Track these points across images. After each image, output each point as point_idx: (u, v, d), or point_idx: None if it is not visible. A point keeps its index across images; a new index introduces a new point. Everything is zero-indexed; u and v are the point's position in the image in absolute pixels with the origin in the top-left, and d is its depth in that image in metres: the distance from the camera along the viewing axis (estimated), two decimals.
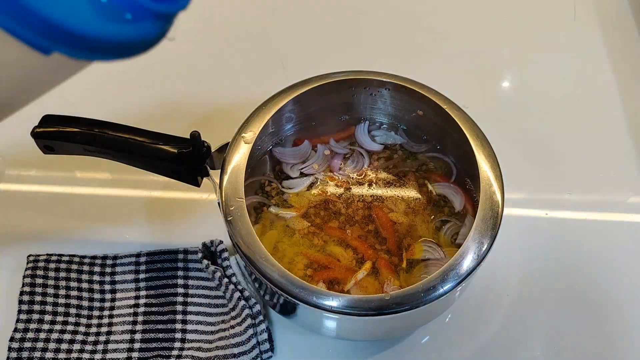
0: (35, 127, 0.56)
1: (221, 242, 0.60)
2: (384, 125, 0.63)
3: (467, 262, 0.48)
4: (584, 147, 0.70)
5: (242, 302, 0.56)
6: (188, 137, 0.53)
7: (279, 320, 0.58)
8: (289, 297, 0.47)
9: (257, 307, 0.56)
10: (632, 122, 0.72)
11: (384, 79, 0.58)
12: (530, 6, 0.85)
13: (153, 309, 0.58)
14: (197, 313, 0.58)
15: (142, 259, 0.60)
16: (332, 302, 0.46)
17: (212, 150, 0.55)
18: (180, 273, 0.60)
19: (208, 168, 0.55)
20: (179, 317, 0.58)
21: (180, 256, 0.60)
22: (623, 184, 0.68)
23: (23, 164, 0.69)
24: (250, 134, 0.55)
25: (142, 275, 0.60)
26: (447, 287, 0.47)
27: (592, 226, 0.65)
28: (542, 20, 0.83)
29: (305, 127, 0.62)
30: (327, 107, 0.61)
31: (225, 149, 0.55)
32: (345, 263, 0.54)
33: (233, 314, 0.56)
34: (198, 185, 0.56)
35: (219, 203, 0.52)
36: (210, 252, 0.61)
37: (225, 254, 0.59)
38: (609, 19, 0.83)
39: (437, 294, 0.46)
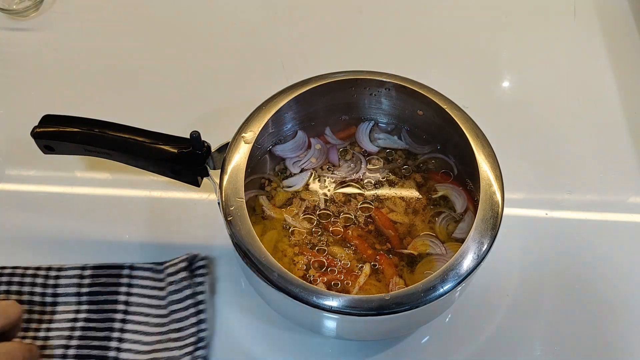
0: (35, 127, 0.56)
1: (203, 258, 0.59)
2: (387, 127, 0.63)
3: (467, 262, 0.48)
4: (584, 147, 0.70)
5: (192, 329, 0.55)
6: (188, 137, 0.53)
7: (279, 320, 0.58)
8: (289, 297, 0.47)
9: (203, 334, 0.55)
10: (632, 122, 0.72)
11: (384, 79, 0.58)
12: (530, 6, 0.85)
13: (91, 324, 0.56)
14: (135, 332, 0.56)
15: (87, 272, 0.58)
16: (332, 302, 0.46)
17: (212, 150, 0.55)
18: (123, 289, 0.58)
19: (208, 168, 0.55)
20: (115, 334, 0.56)
21: (126, 271, 0.58)
22: (623, 184, 0.68)
23: (23, 164, 0.69)
24: (250, 134, 0.55)
25: (84, 290, 0.57)
26: (447, 287, 0.47)
27: (592, 226, 0.65)
28: (542, 20, 0.83)
29: (305, 127, 0.62)
30: (327, 107, 0.61)
31: (225, 149, 0.55)
32: (346, 263, 0.54)
33: (173, 336, 0.55)
34: (198, 185, 0.56)
35: (219, 203, 0.52)
36: (190, 266, 0.59)
37: (203, 270, 0.58)
38: (609, 19, 0.83)
39: (437, 294, 0.46)
